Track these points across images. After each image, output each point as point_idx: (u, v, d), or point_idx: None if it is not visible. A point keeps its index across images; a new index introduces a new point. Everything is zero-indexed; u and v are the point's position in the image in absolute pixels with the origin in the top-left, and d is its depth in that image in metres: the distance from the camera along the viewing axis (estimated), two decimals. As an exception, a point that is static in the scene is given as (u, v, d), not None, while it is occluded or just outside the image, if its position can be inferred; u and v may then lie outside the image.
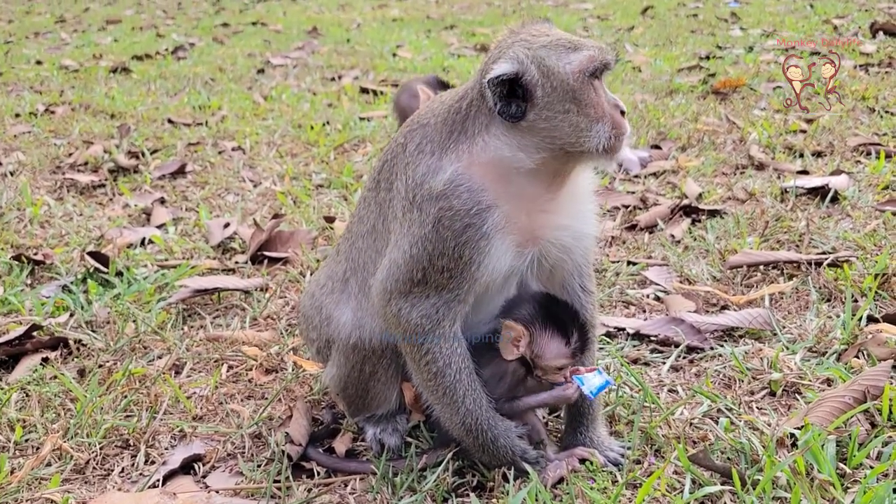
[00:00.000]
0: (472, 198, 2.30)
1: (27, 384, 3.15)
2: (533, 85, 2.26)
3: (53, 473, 2.62)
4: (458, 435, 2.46)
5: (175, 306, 3.76)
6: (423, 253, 2.34)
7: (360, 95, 8.07)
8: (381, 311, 2.48)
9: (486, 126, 2.34)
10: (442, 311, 2.39)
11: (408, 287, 2.39)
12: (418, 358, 2.43)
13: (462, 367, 2.41)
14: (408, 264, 2.38)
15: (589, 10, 13.34)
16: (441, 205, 2.31)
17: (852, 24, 9.59)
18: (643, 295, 3.67)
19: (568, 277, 2.57)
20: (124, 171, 5.79)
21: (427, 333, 2.39)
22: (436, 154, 2.37)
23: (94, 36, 13.25)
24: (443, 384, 2.41)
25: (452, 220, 2.30)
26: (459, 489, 2.46)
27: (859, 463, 2.39)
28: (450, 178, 2.32)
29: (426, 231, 2.33)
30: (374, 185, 2.58)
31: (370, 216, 2.59)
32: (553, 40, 2.31)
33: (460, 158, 2.34)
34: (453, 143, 2.36)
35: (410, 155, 2.41)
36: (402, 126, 2.56)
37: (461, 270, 2.34)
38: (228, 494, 2.51)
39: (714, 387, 2.91)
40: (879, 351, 2.93)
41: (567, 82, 2.26)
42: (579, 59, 2.27)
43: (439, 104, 2.48)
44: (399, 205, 2.43)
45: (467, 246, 2.31)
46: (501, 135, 2.32)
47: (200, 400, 3.04)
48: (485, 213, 2.30)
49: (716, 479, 2.36)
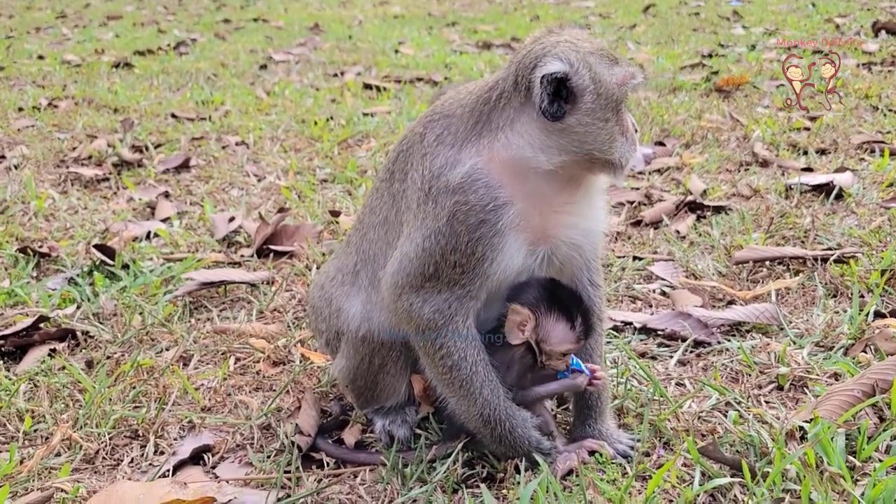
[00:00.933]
0: (488, 193, 2.29)
1: (35, 375, 3.16)
2: (582, 89, 2.26)
3: (63, 463, 2.62)
4: (474, 426, 2.46)
5: (182, 299, 3.76)
6: (436, 247, 2.34)
7: (363, 91, 8.07)
8: (392, 305, 2.47)
9: (511, 121, 2.33)
10: (454, 307, 2.38)
11: (419, 281, 2.38)
12: (432, 353, 2.42)
13: (478, 359, 2.41)
14: (420, 258, 2.37)
15: (591, 7, 13.35)
16: (457, 198, 2.30)
17: (854, 22, 9.60)
18: (649, 290, 3.67)
19: (577, 272, 2.57)
20: (128, 165, 5.80)
21: (440, 329, 2.38)
22: (455, 146, 2.36)
23: (95, 31, 13.23)
24: (458, 377, 2.41)
25: (468, 214, 2.30)
26: (469, 480, 2.47)
27: (868, 456, 2.40)
28: (468, 171, 2.31)
29: (440, 224, 2.32)
30: (388, 176, 2.57)
31: (383, 207, 2.58)
32: (597, 48, 2.33)
33: (480, 153, 2.33)
34: (475, 135, 2.35)
35: (429, 146, 2.40)
36: (422, 115, 2.54)
37: (473, 266, 2.33)
38: (239, 484, 2.52)
39: (722, 380, 2.91)
40: (887, 346, 2.94)
41: (613, 92, 2.29)
42: (622, 72, 2.31)
43: (466, 94, 2.46)
44: (414, 196, 2.42)
45: (481, 242, 2.31)
46: (525, 133, 2.31)
47: (209, 391, 3.04)
48: (500, 210, 2.30)
49: (725, 471, 2.37)
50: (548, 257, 2.42)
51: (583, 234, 2.47)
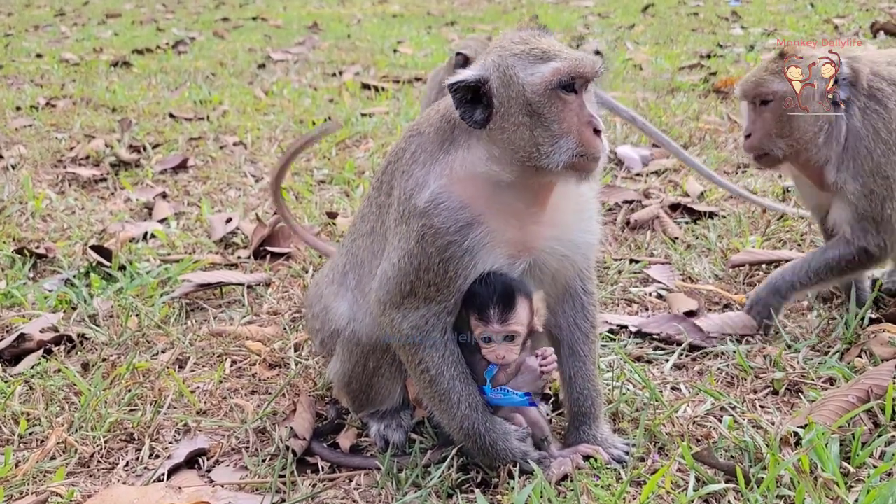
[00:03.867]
0: (451, 216, 2.31)
1: (31, 377, 3.15)
2: (491, 93, 2.23)
3: (58, 466, 2.62)
4: (457, 439, 2.49)
5: (178, 301, 3.76)
6: (410, 267, 2.37)
7: (361, 91, 8.06)
8: (378, 319, 2.52)
9: (466, 139, 2.32)
10: (431, 322, 2.42)
11: (399, 299, 2.42)
12: (413, 366, 2.48)
13: (455, 374, 2.44)
14: (397, 276, 2.41)
15: (590, 7, 13.35)
16: (423, 222, 2.33)
17: (853, 23, 9.61)
18: (645, 293, 3.67)
19: (570, 281, 2.58)
20: (126, 165, 5.79)
21: (418, 344, 2.43)
22: (426, 165, 2.38)
23: (94, 30, 13.23)
24: (438, 391, 2.45)
25: (434, 237, 2.32)
26: (464, 485, 2.47)
27: (863, 462, 2.41)
28: (431, 195, 2.32)
29: (411, 246, 2.36)
30: (378, 186, 2.60)
31: (371, 217, 2.62)
32: (528, 49, 2.25)
33: (443, 174, 2.34)
34: (443, 153, 2.37)
35: (406, 163, 2.43)
36: (406, 128, 2.57)
37: (447, 284, 2.36)
38: (233, 489, 2.52)
39: (717, 385, 2.92)
40: (882, 350, 2.95)
41: (523, 94, 2.20)
42: (543, 71, 2.20)
43: (434, 112, 2.47)
44: (393, 216, 2.46)
45: (451, 262, 2.33)
46: (476, 147, 2.30)
47: (204, 394, 3.05)
48: (465, 230, 2.31)
49: (720, 476, 2.37)
50: (531, 268, 2.41)
51: (572, 245, 2.46)
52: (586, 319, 2.60)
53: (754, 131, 3.16)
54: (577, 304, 2.58)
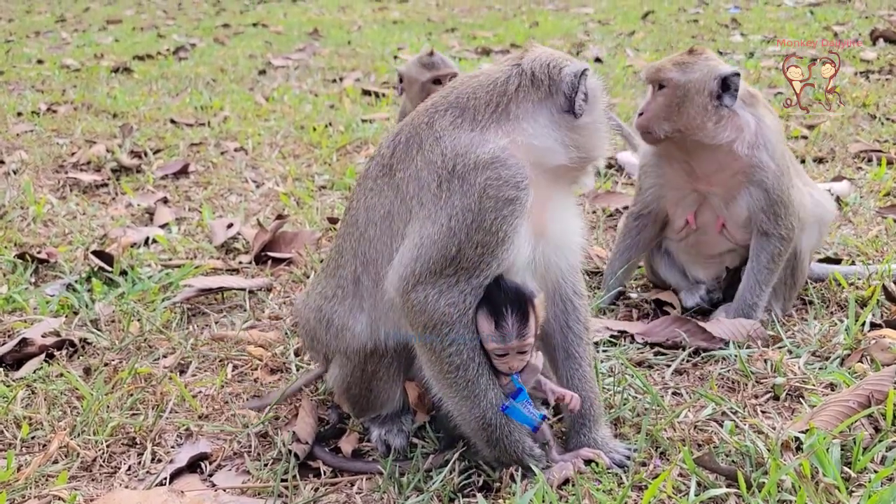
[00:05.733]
0: (519, 171, 2.36)
1: (33, 382, 3.16)
2: (595, 90, 2.50)
3: (60, 471, 2.62)
4: (472, 429, 2.46)
5: (180, 306, 3.76)
6: (462, 225, 2.33)
7: (361, 97, 8.08)
8: (403, 299, 2.42)
9: (530, 113, 2.45)
10: (469, 301, 2.37)
11: (440, 267, 2.35)
12: (440, 350, 2.39)
13: (483, 361, 2.42)
14: (443, 239, 2.35)
15: (590, 14, 13.37)
16: (489, 174, 2.34)
17: (852, 31, 9.63)
18: (646, 298, 3.68)
19: (560, 281, 2.60)
20: (127, 170, 5.80)
21: (453, 324, 2.37)
22: (476, 130, 2.43)
23: (94, 35, 13.25)
24: (465, 377, 2.40)
25: (500, 189, 2.33)
26: (466, 489, 2.47)
27: (864, 467, 2.41)
28: (495, 149, 2.38)
29: (470, 201, 2.34)
30: (387, 171, 2.54)
31: (384, 202, 2.53)
32: None
33: (506, 136, 2.41)
34: (494, 122, 2.43)
35: (442, 130, 2.44)
36: (419, 110, 2.56)
37: (493, 248, 2.34)
38: (236, 493, 2.52)
39: (718, 390, 2.92)
40: (883, 356, 2.95)
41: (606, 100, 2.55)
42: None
43: (474, 87, 2.50)
44: (430, 178, 2.40)
45: (506, 221, 2.34)
46: (546, 125, 2.44)
47: (206, 399, 3.05)
48: (527, 191, 2.37)
49: (721, 481, 2.37)
50: (539, 254, 2.46)
51: (571, 234, 2.57)
52: (578, 321, 2.62)
53: (646, 111, 3.34)
54: (568, 307, 2.61)
